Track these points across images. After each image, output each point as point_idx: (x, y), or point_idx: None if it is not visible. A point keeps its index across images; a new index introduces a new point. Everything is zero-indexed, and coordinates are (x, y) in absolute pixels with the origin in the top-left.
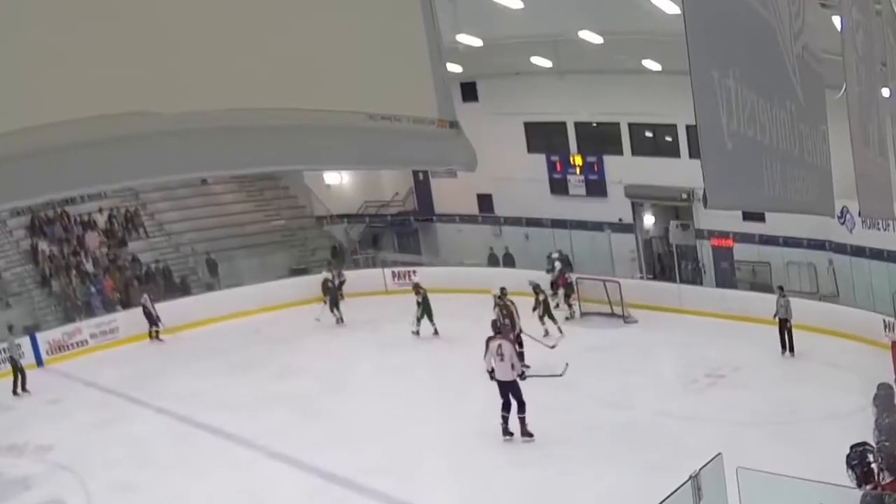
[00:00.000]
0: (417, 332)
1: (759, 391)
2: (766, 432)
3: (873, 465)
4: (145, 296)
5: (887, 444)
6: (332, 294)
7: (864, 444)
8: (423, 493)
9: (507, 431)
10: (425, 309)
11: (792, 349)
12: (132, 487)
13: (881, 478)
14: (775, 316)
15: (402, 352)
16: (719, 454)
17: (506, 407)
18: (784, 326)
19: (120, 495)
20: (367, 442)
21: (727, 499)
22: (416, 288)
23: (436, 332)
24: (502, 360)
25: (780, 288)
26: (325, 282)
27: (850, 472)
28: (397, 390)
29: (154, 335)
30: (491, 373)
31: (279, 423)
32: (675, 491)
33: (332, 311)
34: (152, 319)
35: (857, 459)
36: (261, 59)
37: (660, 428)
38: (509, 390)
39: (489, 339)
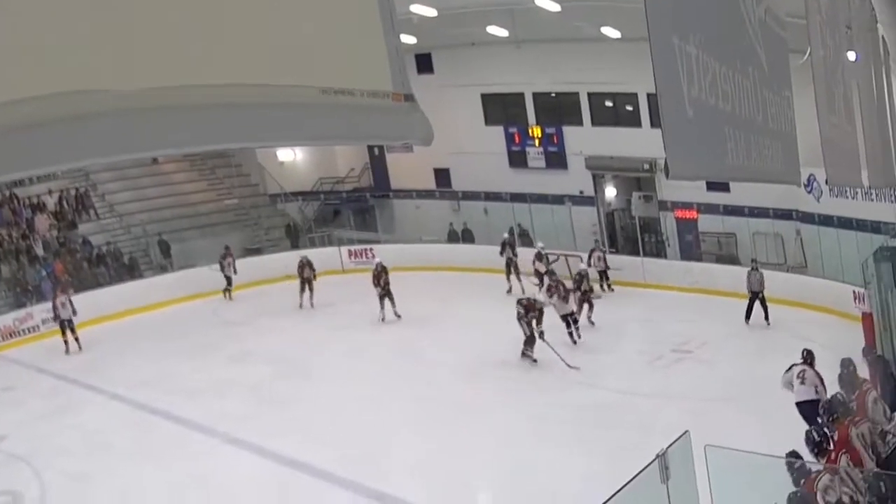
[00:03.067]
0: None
1: (727, 366)
2: (734, 408)
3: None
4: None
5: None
6: None
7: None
8: (394, 479)
9: None
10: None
11: (767, 317)
12: (87, 477)
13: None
14: (749, 290)
15: (362, 333)
16: (686, 432)
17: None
18: (755, 298)
19: (75, 485)
20: (332, 427)
21: (696, 477)
22: (301, 269)
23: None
24: (802, 383)
25: (754, 261)
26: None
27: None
28: (360, 374)
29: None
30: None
31: (239, 409)
32: (642, 471)
33: None
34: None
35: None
36: (209, 34)
37: (626, 406)
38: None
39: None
